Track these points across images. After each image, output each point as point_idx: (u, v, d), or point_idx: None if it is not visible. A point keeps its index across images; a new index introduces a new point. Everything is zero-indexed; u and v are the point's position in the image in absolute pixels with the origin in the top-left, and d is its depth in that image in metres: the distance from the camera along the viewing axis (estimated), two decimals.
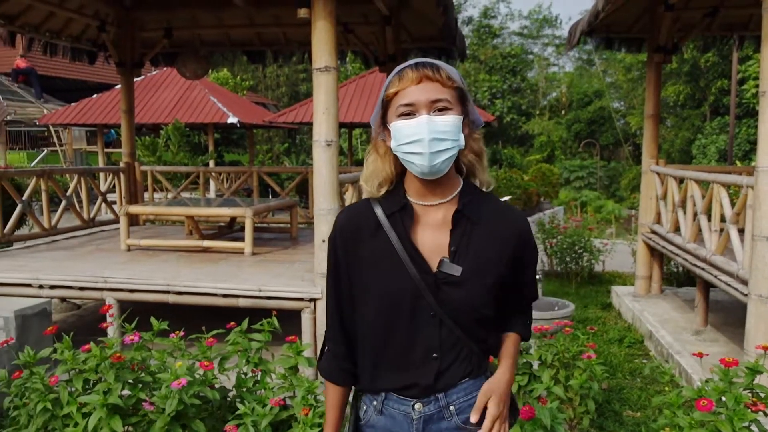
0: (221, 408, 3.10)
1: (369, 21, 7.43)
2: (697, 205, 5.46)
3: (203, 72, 8.59)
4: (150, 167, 9.05)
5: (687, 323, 5.87)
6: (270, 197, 11.00)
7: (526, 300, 1.76)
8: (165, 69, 17.05)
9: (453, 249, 1.57)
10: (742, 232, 4.67)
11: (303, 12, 4.44)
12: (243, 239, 6.17)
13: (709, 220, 5.22)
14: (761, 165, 4.05)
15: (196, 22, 8.15)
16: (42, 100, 18.22)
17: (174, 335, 3.22)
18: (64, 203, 7.17)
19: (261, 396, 2.97)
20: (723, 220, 4.99)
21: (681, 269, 7.76)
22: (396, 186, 1.63)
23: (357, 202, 1.73)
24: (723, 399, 2.68)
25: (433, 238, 1.59)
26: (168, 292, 5.03)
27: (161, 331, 3.22)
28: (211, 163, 16.05)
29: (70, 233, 7.47)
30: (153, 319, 3.25)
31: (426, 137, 1.49)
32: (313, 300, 4.76)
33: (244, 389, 3.10)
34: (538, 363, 3.59)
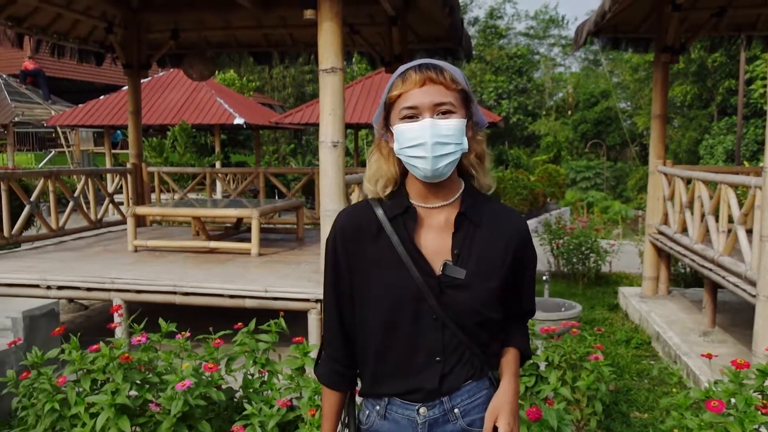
0: (228, 409, 3.10)
1: (375, 22, 7.43)
2: (705, 206, 5.43)
3: (210, 73, 8.61)
4: (157, 168, 9.08)
5: (694, 324, 5.85)
6: (276, 198, 11.01)
7: (524, 308, 1.73)
8: (172, 70, 17.09)
9: (456, 252, 1.56)
10: (750, 232, 4.64)
11: (309, 13, 4.44)
12: (249, 240, 6.18)
13: (717, 220, 5.20)
14: None
15: (202, 23, 8.17)
16: (50, 101, 18.31)
17: (180, 336, 3.23)
18: (71, 204, 7.20)
19: (268, 397, 2.97)
20: (731, 220, 4.97)
21: (688, 270, 7.73)
22: (398, 187, 1.61)
23: (357, 203, 1.71)
24: (732, 401, 2.66)
25: (436, 240, 1.57)
26: (175, 292, 5.05)
27: (168, 332, 3.23)
28: (218, 164, 16.10)
29: (77, 234, 7.50)
30: (161, 321, 3.26)
31: (429, 141, 1.47)
32: (320, 301, 4.76)
33: (251, 390, 3.10)
34: (545, 364, 3.59)
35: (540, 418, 2.74)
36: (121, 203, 8.40)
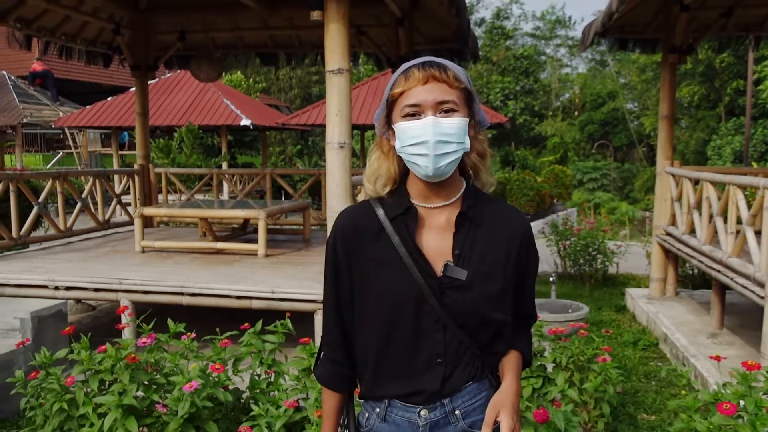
0: (235, 409, 3.11)
1: (382, 23, 7.43)
2: (713, 207, 5.41)
3: (217, 75, 8.63)
4: (164, 169, 9.11)
5: (702, 326, 5.82)
6: (283, 199, 11.03)
7: (525, 312, 1.69)
8: (179, 71, 17.17)
9: (457, 252, 1.54)
10: (758, 234, 4.61)
11: (316, 14, 4.44)
12: (256, 241, 6.19)
13: (725, 221, 5.17)
14: None
15: (209, 24, 8.20)
16: (58, 102, 18.40)
17: (186, 337, 3.23)
18: (79, 205, 7.23)
19: (275, 397, 2.97)
20: (739, 222, 4.94)
21: (696, 271, 7.70)
22: (399, 186, 1.59)
23: (358, 203, 1.69)
24: (741, 403, 2.65)
25: (437, 241, 1.55)
26: (182, 293, 5.06)
27: (175, 333, 3.24)
28: (225, 165, 16.14)
29: (85, 235, 7.52)
30: (170, 321, 3.27)
31: (431, 139, 1.45)
32: None
33: (257, 391, 3.10)
34: (552, 365, 3.58)
35: (547, 419, 2.73)
36: (129, 204, 8.42)
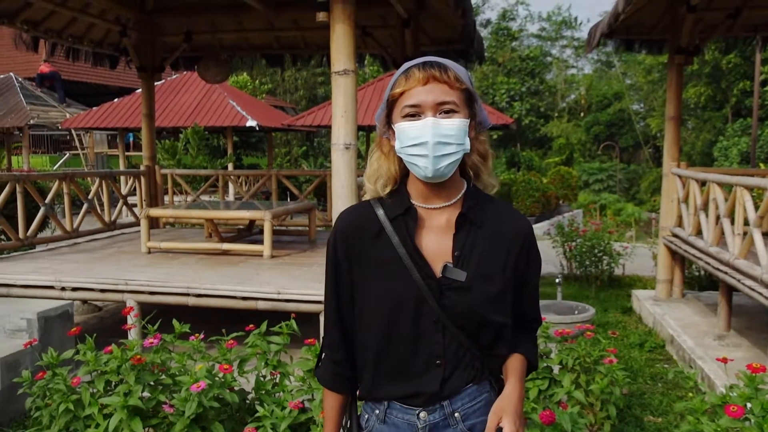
0: (240, 410, 3.11)
1: (387, 24, 7.43)
2: (720, 208, 5.38)
3: (224, 76, 8.66)
4: (170, 170, 9.13)
5: (709, 328, 5.79)
6: (288, 200, 11.04)
7: (528, 316, 1.67)
8: (185, 73, 17.19)
9: (457, 254, 1.53)
10: (766, 235, 4.59)
11: (322, 15, 4.44)
12: (262, 242, 6.19)
13: (732, 223, 5.15)
14: None
15: (215, 26, 8.21)
16: (65, 104, 18.47)
17: (194, 338, 3.24)
18: (85, 206, 7.25)
19: (280, 399, 2.97)
20: (746, 223, 4.92)
21: (703, 273, 7.66)
22: (399, 187, 1.59)
23: (358, 203, 1.68)
24: (748, 406, 2.63)
25: (437, 242, 1.54)
26: (188, 294, 5.06)
27: (181, 334, 3.24)
28: (230, 167, 16.17)
29: (91, 236, 7.55)
30: (175, 322, 3.27)
31: (430, 140, 1.44)
32: None
33: (263, 392, 3.10)
34: (558, 367, 3.56)
35: (553, 421, 2.73)
36: (135, 205, 8.45)
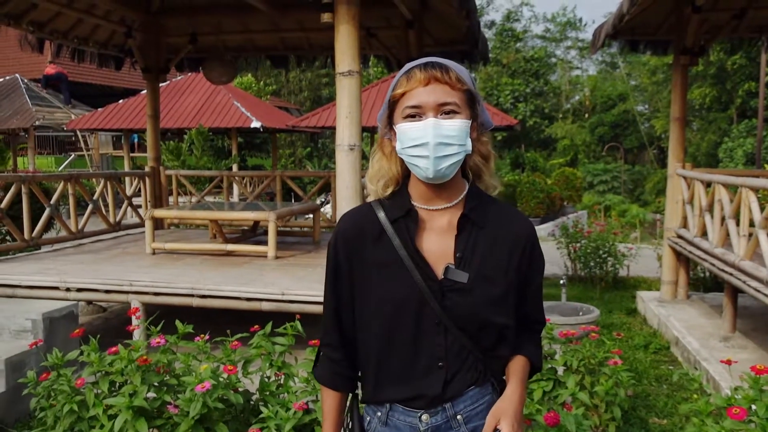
0: (245, 411, 3.11)
1: (392, 25, 7.43)
2: (725, 210, 5.37)
3: (230, 77, 8.67)
4: (175, 171, 9.15)
5: (714, 329, 5.78)
6: (293, 201, 11.05)
7: (531, 317, 1.66)
8: (189, 74, 17.24)
9: (458, 255, 1.52)
10: None
11: (326, 17, 4.45)
12: (266, 243, 6.20)
13: (738, 224, 5.13)
14: None
15: (220, 27, 8.23)
16: (70, 105, 18.53)
17: (199, 338, 3.24)
18: (90, 207, 7.27)
19: (284, 400, 2.97)
20: (752, 224, 4.91)
21: (708, 274, 7.64)
22: (401, 188, 1.58)
23: (359, 205, 1.68)
24: (753, 407, 2.62)
25: (439, 243, 1.54)
26: (192, 295, 5.07)
27: (186, 335, 3.25)
28: (235, 168, 16.19)
29: (96, 237, 7.57)
30: (178, 322, 3.28)
31: (431, 141, 1.44)
32: None
33: (267, 393, 3.10)
34: (563, 368, 3.56)
35: (558, 423, 2.72)
36: (140, 206, 8.47)
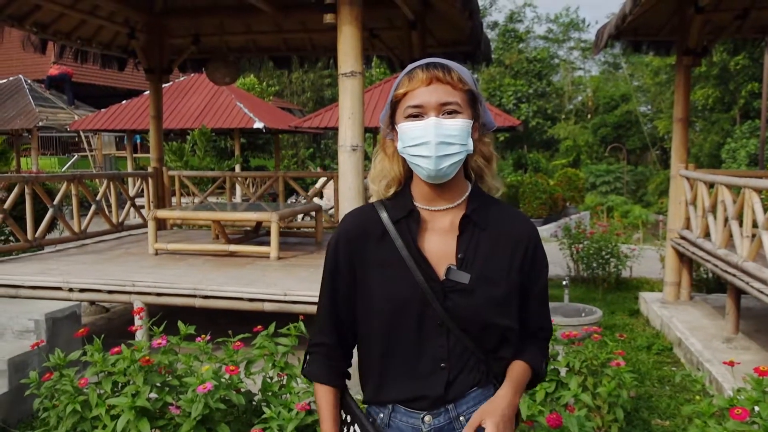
0: (247, 412, 3.11)
1: (394, 26, 7.44)
2: (728, 211, 5.36)
3: (233, 78, 8.68)
4: (177, 172, 9.16)
5: (717, 330, 5.77)
6: (295, 201, 11.05)
7: (534, 324, 1.64)
8: (192, 75, 17.26)
9: (460, 256, 1.53)
10: None
11: (329, 17, 4.45)
12: (269, 244, 6.20)
13: (741, 225, 5.13)
14: None
15: (223, 28, 8.24)
16: (73, 106, 18.57)
17: (200, 339, 3.24)
18: (93, 207, 7.28)
19: (287, 400, 2.97)
20: (755, 225, 4.90)
21: (711, 275, 7.63)
22: (403, 189, 1.59)
23: (362, 205, 1.69)
24: (756, 409, 2.62)
25: (441, 244, 1.54)
26: (195, 296, 5.07)
27: (188, 335, 3.25)
28: (237, 168, 16.21)
29: (99, 237, 7.58)
30: (180, 323, 3.28)
31: (433, 140, 1.45)
32: None
33: (269, 393, 3.10)
34: (565, 370, 3.55)
35: (560, 424, 2.72)
36: (142, 207, 8.48)
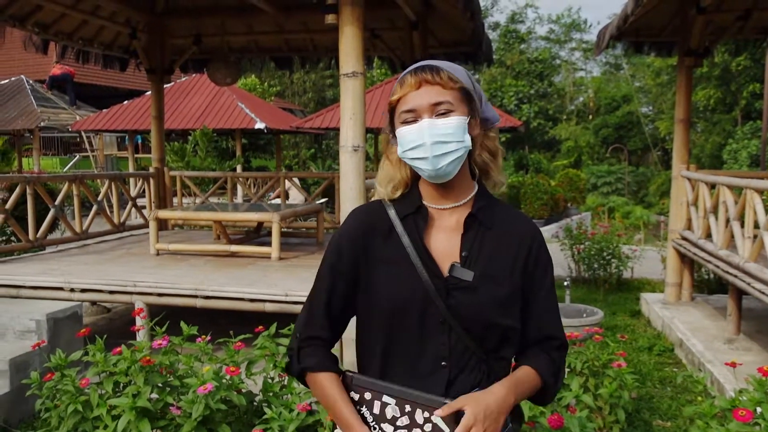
0: (248, 412, 3.11)
1: (396, 26, 7.44)
2: (730, 211, 5.36)
3: (234, 79, 8.68)
4: (179, 172, 9.16)
5: (719, 331, 5.76)
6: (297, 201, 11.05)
7: (542, 332, 1.60)
8: (194, 75, 17.26)
9: (464, 254, 1.53)
10: None
11: (331, 18, 4.45)
12: (270, 244, 6.20)
13: (742, 226, 5.12)
14: None
15: (225, 28, 8.24)
16: (75, 106, 18.59)
17: (201, 339, 3.24)
18: (95, 208, 7.28)
19: (288, 401, 2.97)
20: (756, 226, 4.89)
21: (712, 276, 7.62)
22: (411, 189, 1.61)
23: (370, 201, 1.69)
24: (758, 410, 2.61)
25: (446, 242, 1.55)
26: (196, 296, 5.07)
27: (189, 336, 3.25)
28: (239, 169, 16.21)
29: (100, 237, 7.58)
30: (183, 324, 3.28)
31: (428, 141, 1.47)
32: None
33: (271, 394, 3.11)
34: (567, 370, 3.55)
35: (562, 425, 2.72)
36: (144, 207, 8.48)
